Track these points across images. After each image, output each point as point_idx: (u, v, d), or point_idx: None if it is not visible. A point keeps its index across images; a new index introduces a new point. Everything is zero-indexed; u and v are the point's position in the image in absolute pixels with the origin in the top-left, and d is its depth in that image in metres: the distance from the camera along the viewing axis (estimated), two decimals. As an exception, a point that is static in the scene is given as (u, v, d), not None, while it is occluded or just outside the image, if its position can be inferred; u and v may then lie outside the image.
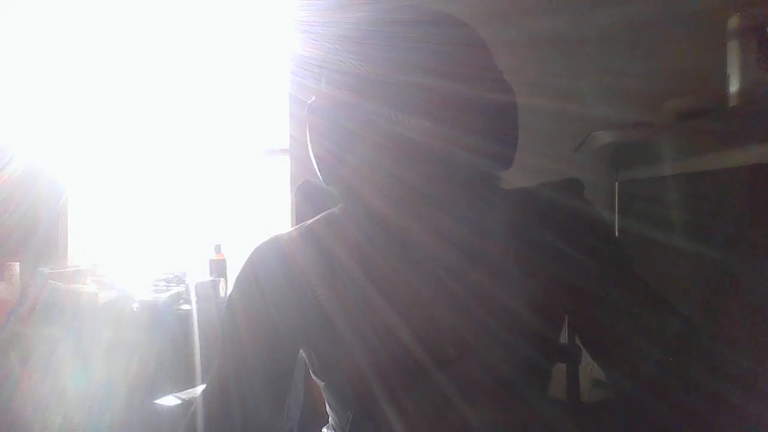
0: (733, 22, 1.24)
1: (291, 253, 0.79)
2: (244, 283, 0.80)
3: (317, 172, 0.75)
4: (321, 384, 0.82)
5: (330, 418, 0.86)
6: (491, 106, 0.69)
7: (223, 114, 2.63)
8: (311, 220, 0.84)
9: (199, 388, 1.55)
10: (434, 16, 0.71)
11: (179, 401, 1.46)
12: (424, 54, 0.67)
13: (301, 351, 0.82)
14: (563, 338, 0.99)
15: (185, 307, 2.14)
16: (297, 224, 0.89)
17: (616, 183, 1.67)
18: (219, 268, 2.34)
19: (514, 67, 0.74)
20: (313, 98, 0.74)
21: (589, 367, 1.28)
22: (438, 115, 0.66)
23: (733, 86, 1.24)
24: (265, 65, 2.52)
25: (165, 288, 2.25)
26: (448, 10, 0.73)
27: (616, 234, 1.62)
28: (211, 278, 2.30)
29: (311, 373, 0.82)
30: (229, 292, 0.83)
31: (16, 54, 2.51)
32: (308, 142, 0.75)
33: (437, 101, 0.66)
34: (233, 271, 2.36)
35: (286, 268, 0.78)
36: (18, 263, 2.31)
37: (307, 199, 1.01)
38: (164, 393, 1.50)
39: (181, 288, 2.24)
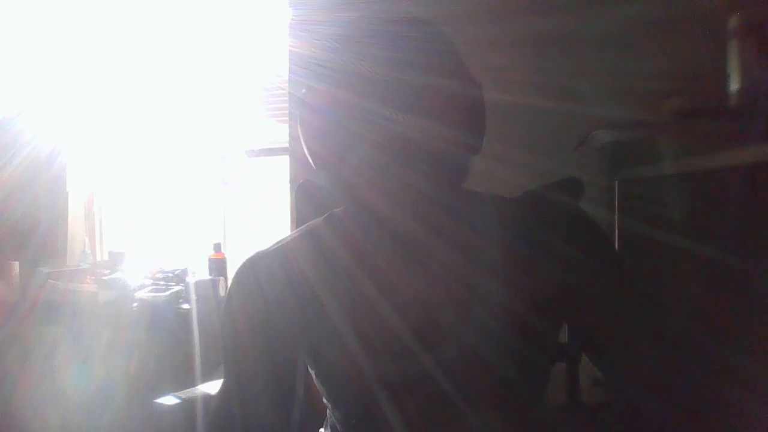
0: (734, 21, 1.24)
1: (292, 257, 0.79)
2: (244, 290, 0.80)
3: (311, 163, 0.75)
4: (323, 391, 0.82)
5: (328, 418, 0.86)
6: (470, 101, 0.71)
7: (223, 113, 2.63)
8: (313, 222, 0.84)
9: (199, 388, 1.55)
10: (411, 17, 0.72)
11: (179, 400, 1.46)
12: (414, 53, 0.68)
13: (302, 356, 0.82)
14: (563, 338, 0.99)
15: (185, 306, 2.14)
16: (297, 223, 0.89)
17: (616, 182, 1.67)
18: (219, 267, 2.34)
19: (515, 67, 0.74)
20: (304, 91, 0.73)
21: (589, 367, 1.28)
22: (432, 112, 0.66)
23: (734, 86, 1.24)
24: (264, 64, 2.52)
25: (165, 287, 2.25)
26: (450, 10, 0.73)
27: (616, 233, 1.62)
28: (211, 277, 2.29)
29: (314, 380, 0.82)
30: (227, 298, 0.83)
31: (17, 54, 2.50)
32: (300, 136, 0.75)
33: (429, 99, 0.66)
34: (233, 269, 2.36)
35: (287, 272, 0.77)
36: (17, 262, 2.31)
37: (307, 199, 1.01)
38: (164, 392, 1.50)
39: (180, 287, 2.24)
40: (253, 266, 0.80)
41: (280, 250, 0.80)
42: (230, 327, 0.80)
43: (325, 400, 0.84)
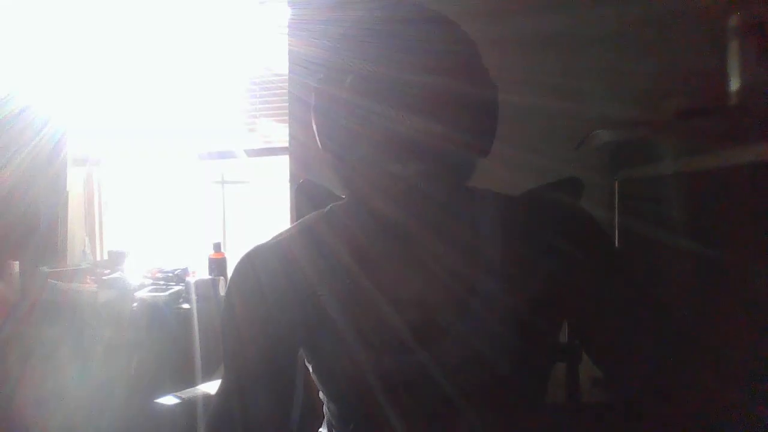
0: (734, 21, 1.24)
1: (288, 252, 0.79)
2: (243, 283, 0.80)
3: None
4: (320, 386, 0.82)
5: (326, 419, 0.86)
6: (480, 103, 0.70)
7: (222, 112, 2.63)
8: (308, 217, 0.84)
9: (199, 388, 1.55)
10: (426, 15, 0.71)
11: (179, 400, 1.46)
12: (419, 52, 0.67)
13: (301, 351, 0.82)
14: (563, 338, 0.99)
15: (185, 305, 2.14)
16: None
17: (616, 182, 1.67)
18: (219, 267, 2.34)
19: (515, 67, 0.74)
20: (316, 83, 0.73)
21: (589, 366, 1.28)
22: (436, 113, 0.66)
23: (733, 85, 1.24)
24: (264, 63, 2.52)
25: (165, 287, 2.24)
26: (450, 9, 0.73)
27: (616, 233, 1.62)
28: (211, 277, 2.29)
29: (311, 374, 0.82)
30: (226, 293, 0.82)
31: (17, 52, 2.51)
32: (315, 130, 0.74)
33: (434, 99, 0.66)
34: (233, 269, 2.36)
35: (286, 266, 0.77)
36: (18, 262, 2.31)
37: (307, 198, 1.01)
38: (164, 392, 1.50)
39: (180, 287, 2.24)
40: (250, 261, 0.80)
41: (278, 245, 0.80)
42: (229, 323, 0.80)
43: (321, 396, 0.84)
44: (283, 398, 0.79)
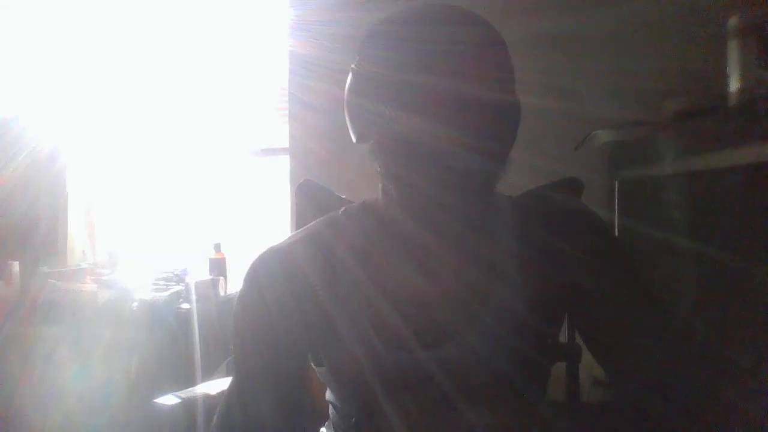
0: (733, 21, 1.24)
1: (294, 259, 0.78)
2: (248, 297, 0.79)
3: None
4: (331, 388, 0.82)
5: (331, 417, 0.86)
6: (494, 106, 0.68)
7: (222, 113, 2.63)
8: (313, 224, 0.83)
9: (199, 388, 1.55)
10: (453, 16, 0.70)
11: (179, 400, 1.46)
12: (431, 54, 0.66)
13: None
14: (563, 337, 0.99)
15: (185, 306, 2.14)
16: (297, 223, 0.89)
17: (616, 182, 1.67)
18: (219, 267, 2.34)
19: (515, 67, 0.74)
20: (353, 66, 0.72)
21: (589, 366, 1.28)
22: (441, 114, 0.66)
23: (733, 86, 1.24)
24: (265, 64, 2.52)
25: (164, 287, 2.24)
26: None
27: (616, 233, 1.62)
28: (211, 277, 2.29)
29: (318, 374, 0.82)
30: (237, 299, 0.82)
31: (17, 54, 2.51)
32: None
33: (440, 100, 0.66)
34: (233, 269, 2.36)
35: (290, 276, 0.77)
36: (17, 262, 2.31)
37: (307, 199, 1.01)
38: (164, 392, 1.50)
39: (180, 287, 2.24)
40: (259, 269, 0.79)
41: (288, 250, 0.80)
42: (237, 329, 0.80)
43: (327, 397, 0.84)
44: (289, 405, 0.79)
